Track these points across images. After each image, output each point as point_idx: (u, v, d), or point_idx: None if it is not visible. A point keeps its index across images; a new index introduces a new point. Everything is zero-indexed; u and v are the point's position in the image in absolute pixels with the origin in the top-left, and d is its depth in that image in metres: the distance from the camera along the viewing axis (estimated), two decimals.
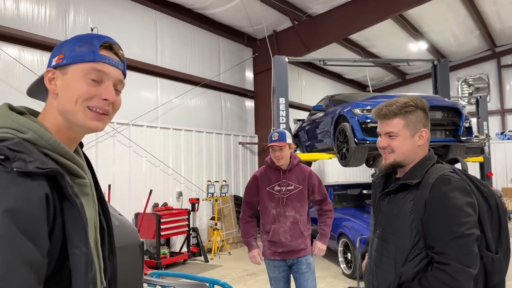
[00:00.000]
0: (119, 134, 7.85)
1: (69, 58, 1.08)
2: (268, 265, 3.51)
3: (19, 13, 6.75)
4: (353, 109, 6.91)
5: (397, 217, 1.81)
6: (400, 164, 1.85)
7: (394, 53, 13.48)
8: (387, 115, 1.85)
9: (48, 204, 0.94)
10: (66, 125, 1.09)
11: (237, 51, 11.18)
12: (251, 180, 3.59)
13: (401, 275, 1.76)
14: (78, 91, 1.07)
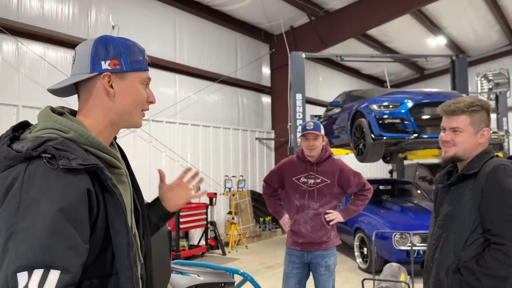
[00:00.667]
0: (140, 130, 8.02)
1: (128, 66, 1.24)
2: (285, 257, 3.45)
3: (44, 11, 6.96)
4: (370, 105, 6.95)
5: (457, 205, 1.96)
6: (459, 158, 2.00)
7: (412, 48, 13.37)
8: (455, 111, 1.98)
9: (90, 197, 1.06)
10: (116, 121, 1.25)
11: (254, 47, 11.26)
12: (276, 168, 3.53)
13: (459, 259, 1.90)
14: (139, 97, 1.28)
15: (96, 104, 1.23)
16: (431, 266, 2.04)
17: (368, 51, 12.65)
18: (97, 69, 1.21)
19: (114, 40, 1.26)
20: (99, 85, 1.21)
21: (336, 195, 3.35)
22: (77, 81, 1.22)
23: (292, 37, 10.88)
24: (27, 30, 6.61)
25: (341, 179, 3.33)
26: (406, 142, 6.94)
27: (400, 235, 6.31)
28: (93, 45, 1.24)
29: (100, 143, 1.17)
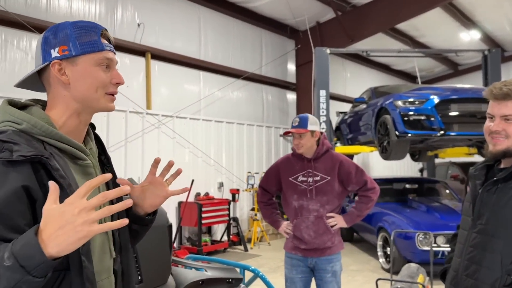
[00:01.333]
0: (164, 126, 8.15)
1: (77, 49, 1.16)
2: (286, 262, 3.18)
3: (72, 10, 7.16)
4: (395, 101, 6.78)
5: (506, 208, 1.64)
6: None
7: (445, 43, 12.93)
8: (509, 95, 1.63)
9: (30, 192, 1.02)
10: (80, 109, 1.19)
11: (279, 44, 11.20)
12: (271, 168, 3.26)
13: (509, 273, 1.58)
14: (97, 80, 1.18)
15: (55, 95, 1.19)
16: (463, 277, 1.73)
17: (398, 46, 12.32)
18: (48, 58, 1.16)
19: (63, 25, 1.20)
20: (54, 74, 1.16)
21: (338, 194, 3.05)
22: (40, 75, 1.20)
23: (318, 33, 10.74)
24: None
25: (341, 174, 3.02)
26: (432, 139, 6.74)
27: (423, 235, 6.14)
28: (43, 35, 1.20)
29: (56, 133, 1.13)
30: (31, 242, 0.91)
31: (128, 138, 7.61)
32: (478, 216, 1.73)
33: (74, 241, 0.93)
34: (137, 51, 8.00)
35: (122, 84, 1.26)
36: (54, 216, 0.93)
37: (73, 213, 0.92)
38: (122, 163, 7.52)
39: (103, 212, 0.95)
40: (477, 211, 1.74)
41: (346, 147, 9.12)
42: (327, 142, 3.12)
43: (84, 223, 0.92)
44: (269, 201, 3.28)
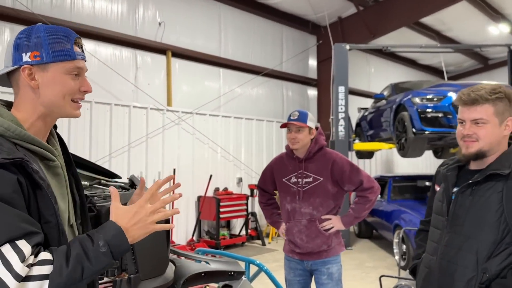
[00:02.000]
0: (184, 122, 8.34)
1: (49, 56, 1.19)
2: (285, 263, 3.09)
3: (95, 10, 7.42)
4: (413, 98, 6.69)
5: (482, 210, 1.70)
6: (485, 154, 1.75)
7: (473, 37, 12.55)
8: (477, 100, 1.72)
9: (22, 187, 1.08)
10: (46, 113, 1.23)
11: (301, 39, 11.20)
12: (266, 168, 3.15)
13: (484, 271, 1.65)
14: (65, 87, 1.22)
15: (23, 97, 1.22)
16: (439, 276, 1.80)
17: (423, 40, 12.07)
18: (18, 61, 1.19)
19: (38, 30, 1.22)
20: (23, 78, 1.19)
21: (333, 195, 2.86)
22: (8, 73, 1.22)
23: (340, 28, 10.68)
24: (78, 29, 7.07)
25: (335, 174, 2.84)
26: (450, 137, 6.62)
27: None
28: (17, 36, 1.23)
29: (28, 136, 1.18)
30: (120, 233, 1.15)
31: (149, 134, 7.84)
32: (454, 217, 1.79)
33: (143, 234, 1.20)
34: (158, 49, 8.20)
35: (89, 92, 1.29)
36: (127, 215, 1.19)
37: (146, 214, 1.19)
38: (143, 159, 7.76)
39: (161, 215, 1.22)
40: (452, 212, 1.80)
41: (365, 143, 9.07)
42: (322, 139, 2.94)
43: (152, 222, 1.20)
44: (268, 201, 3.19)
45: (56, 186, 1.23)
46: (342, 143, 8.52)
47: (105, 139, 7.26)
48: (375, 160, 12.99)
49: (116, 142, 7.41)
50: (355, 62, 12.42)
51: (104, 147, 7.23)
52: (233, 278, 3.41)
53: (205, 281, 3.33)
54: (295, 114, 2.87)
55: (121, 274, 2.33)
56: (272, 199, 3.20)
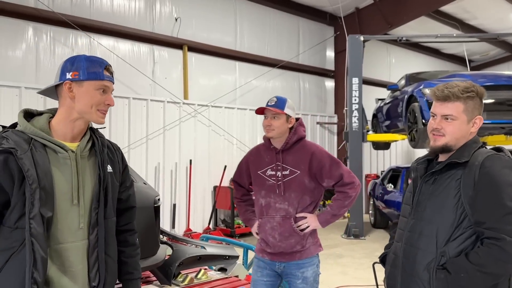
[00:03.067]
0: (200, 115, 8.60)
1: (85, 76, 1.64)
2: (254, 262, 2.84)
3: (113, 8, 7.74)
4: (423, 88, 6.69)
5: (441, 196, 1.80)
6: (450, 148, 1.84)
7: (499, 25, 12.23)
8: (449, 97, 1.82)
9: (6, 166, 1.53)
10: (78, 117, 1.68)
11: (318, 31, 11.23)
12: (242, 161, 2.91)
13: (443, 254, 1.74)
14: (93, 99, 1.66)
15: (62, 104, 1.68)
16: (402, 260, 1.87)
17: (446, 29, 11.87)
18: (63, 78, 1.66)
19: (79, 57, 1.68)
20: (65, 90, 1.65)
21: (310, 190, 2.64)
22: (56, 87, 1.70)
23: (357, 19, 10.65)
24: (98, 26, 7.44)
25: (313, 168, 2.62)
26: None
27: None
28: (64, 62, 1.69)
29: (38, 132, 1.62)
30: None
31: (166, 126, 8.14)
32: (417, 204, 1.89)
33: None
34: (175, 44, 8.47)
35: (112, 105, 1.71)
36: None
37: None
38: (161, 150, 8.08)
39: None
40: (415, 200, 1.91)
41: (378, 135, 9.09)
42: (301, 130, 2.72)
43: None
44: (243, 197, 2.92)
45: (59, 171, 1.64)
46: (355, 134, 8.58)
47: (124, 132, 7.61)
48: (395, 151, 12.93)
49: (135, 134, 7.74)
50: (375, 52, 12.36)
51: (123, 139, 7.57)
52: (227, 261, 3.64)
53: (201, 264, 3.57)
54: (273, 100, 2.66)
55: None
56: (248, 194, 2.93)
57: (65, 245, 1.64)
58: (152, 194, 2.80)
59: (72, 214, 1.65)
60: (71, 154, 1.66)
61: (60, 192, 1.62)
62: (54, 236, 1.62)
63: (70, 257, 1.65)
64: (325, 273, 5.96)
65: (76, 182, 1.67)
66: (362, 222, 8.56)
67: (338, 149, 11.30)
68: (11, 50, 6.67)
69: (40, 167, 1.56)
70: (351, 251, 7.35)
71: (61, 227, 1.63)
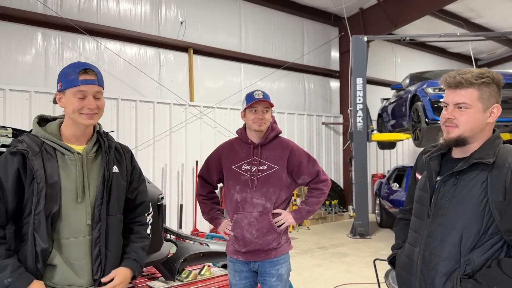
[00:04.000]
0: (205, 117, 8.72)
1: (64, 85, 1.79)
2: (228, 266, 2.75)
3: (120, 13, 7.89)
4: (426, 88, 6.75)
5: (466, 200, 1.64)
6: (465, 140, 1.68)
7: (505, 23, 12.20)
8: (461, 83, 1.66)
9: (18, 175, 1.71)
10: (71, 123, 1.84)
11: (322, 32, 11.30)
12: (212, 155, 2.79)
13: (468, 263, 1.61)
14: (72, 105, 1.78)
15: (64, 111, 1.87)
16: (421, 267, 1.74)
17: (451, 29, 11.86)
18: (56, 89, 1.85)
19: (66, 67, 1.83)
20: (57, 100, 1.85)
21: (286, 186, 2.64)
22: None
23: (361, 19, 10.70)
24: (105, 31, 7.59)
25: (291, 164, 2.63)
26: None
27: None
28: None
29: (48, 136, 1.80)
30: None
31: (172, 128, 8.27)
32: (437, 208, 1.73)
33: None
34: (181, 47, 8.60)
35: (92, 108, 1.79)
36: None
37: None
38: (167, 152, 8.20)
39: None
40: (434, 202, 1.75)
41: (382, 134, 9.14)
42: (276, 126, 2.73)
43: None
44: (208, 195, 2.81)
45: (66, 171, 1.79)
46: (360, 134, 8.64)
47: (131, 133, 7.75)
48: (401, 150, 12.94)
49: (142, 136, 7.88)
50: (380, 52, 12.40)
51: (131, 140, 7.71)
52: None
53: (204, 261, 3.67)
54: (259, 93, 2.63)
55: None
56: (213, 192, 2.84)
57: (71, 239, 1.77)
58: (155, 192, 2.90)
59: (79, 211, 1.79)
60: (77, 156, 1.81)
61: (65, 190, 1.76)
62: (61, 231, 1.75)
63: (76, 251, 1.78)
64: (330, 271, 6.05)
65: (81, 182, 1.80)
66: (367, 221, 8.60)
67: (343, 149, 11.35)
68: (21, 55, 6.85)
69: (48, 168, 1.73)
70: (356, 250, 7.41)
71: (67, 223, 1.76)
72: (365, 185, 8.65)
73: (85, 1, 7.48)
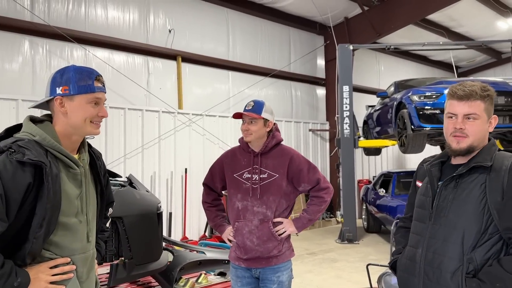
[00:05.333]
0: (194, 124, 8.74)
1: (75, 90, 1.60)
2: (231, 272, 2.80)
3: (108, 21, 7.88)
4: (412, 95, 6.91)
5: (466, 201, 1.74)
6: (474, 149, 1.79)
7: (484, 32, 12.55)
8: (472, 95, 1.76)
9: (28, 189, 1.47)
10: (72, 132, 1.65)
11: (308, 40, 11.46)
12: (215, 163, 2.88)
13: (470, 261, 1.69)
14: (86, 113, 1.63)
15: (57, 119, 1.64)
16: (421, 267, 1.82)
17: (433, 37, 12.16)
18: (53, 93, 1.62)
19: (68, 69, 1.63)
20: (56, 105, 1.62)
21: (287, 194, 2.69)
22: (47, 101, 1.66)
23: (346, 28, 10.90)
24: (93, 39, 7.57)
25: (292, 172, 2.67)
26: None
27: None
28: (54, 74, 1.65)
29: (57, 146, 1.57)
30: None
31: (161, 136, 8.26)
32: (439, 210, 1.82)
33: None
34: (169, 55, 8.62)
35: (106, 117, 1.70)
36: None
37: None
38: (156, 159, 8.19)
39: None
40: (436, 205, 1.84)
41: (369, 141, 9.30)
42: (278, 135, 2.77)
43: None
44: (213, 202, 2.88)
45: (73, 189, 1.64)
46: (347, 141, 8.78)
47: (120, 142, 7.72)
48: (386, 156, 13.15)
49: (130, 144, 7.85)
50: (364, 60, 12.62)
51: (119, 148, 7.68)
52: (226, 265, 3.77)
53: (201, 269, 3.71)
54: (250, 104, 2.71)
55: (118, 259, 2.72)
56: (218, 199, 2.90)
57: (75, 256, 1.66)
58: (155, 202, 2.94)
59: (81, 229, 1.68)
60: (82, 170, 1.68)
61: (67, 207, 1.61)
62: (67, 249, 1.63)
63: (81, 267, 1.68)
64: (320, 277, 6.11)
65: (85, 199, 1.70)
66: (355, 227, 8.71)
67: (330, 156, 11.48)
68: (8, 63, 6.77)
69: (54, 184, 1.53)
70: (345, 255, 7.50)
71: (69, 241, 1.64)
72: (352, 191, 8.77)
73: (73, 9, 7.45)
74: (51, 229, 1.55)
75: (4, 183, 1.43)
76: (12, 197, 1.44)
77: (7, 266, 1.45)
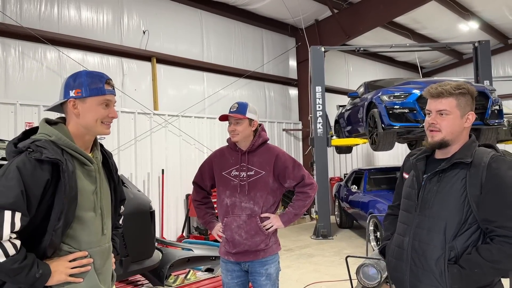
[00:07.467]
0: (170, 125, 8.78)
1: (87, 92, 1.75)
2: (221, 266, 2.93)
3: (81, 22, 7.82)
4: (382, 95, 7.21)
5: (448, 194, 1.90)
6: (447, 143, 1.95)
7: (446, 34, 13.15)
8: (442, 93, 1.94)
9: (46, 185, 1.60)
10: (84, 132, 1.78)
11: (281, 42, 11.70)
12: (205, 162, 2.99)
13: (452, 249, 1.86)
14: (97, 114, 1.76)
15: (71, 120, 1.79)
16: (408, 254, 1.99)
17: (398, 39, 12.65)
18: (67, 96, 1.76)
19: (80, 74, 1.79)
20: (70, 107, 1.76)
21: (273, 190, 2.81)
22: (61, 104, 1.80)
23: (317, 30, 11.19)
24: (66, 40, 7.50)
25: (277, 168, 2.81)
26: (417, 130, 7.16)
27: None
28: (67, 79, 1.80)
29: (72, 145, 1.71)
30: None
31: (137, 137, 8.26)
32: (424, 201, 1.99)
33: None
34: (143, 56, 8.63)
35: (116, 118, 1.84)
36: None
37: None
38: (133, 161, 8.18)
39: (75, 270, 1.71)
40: (421, 197, 2.00)
41: (341, 139, 9.60)
42: (264, 134, 2.90)
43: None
44: (203, 200, 2.99)
45: (88, 184, 1.76)
46: (320, 140, 9.04)
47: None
48: (356, 154, 13.54)
49: (106, 145, 7.63)
50: (333, 61, 12.98)
51: None
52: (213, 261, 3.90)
53: (189, 265, 3.82)
54: (234, 106, 2.83)
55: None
56: (207, 197, 3.02)
57: (92, 249, 1.78)
58: (147, 201, 3.04)
59: (96, 222, 1.80)
60: (95, 167, 1.80)
61: (83, 202, 1.73)
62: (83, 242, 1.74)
63: (98, 260, 1.79)
64: (299, 272, 6.32)
65: (99, 194, 1.82)
66: (329, 223, 8.99)
67: (304, 154, 11.75)
68: None
69: (70, 179, 1.65)
70: (321, 250, 7.74)
71: (85, 234, 1.75)
72: (326, 188, 9.05)
73: (45, 10, 7.36)
74: (69, 222, 1.67)
75: (25, 180, 1.56)
76: (32, 193, 1.57)
77: (29, 258, 1.58)
